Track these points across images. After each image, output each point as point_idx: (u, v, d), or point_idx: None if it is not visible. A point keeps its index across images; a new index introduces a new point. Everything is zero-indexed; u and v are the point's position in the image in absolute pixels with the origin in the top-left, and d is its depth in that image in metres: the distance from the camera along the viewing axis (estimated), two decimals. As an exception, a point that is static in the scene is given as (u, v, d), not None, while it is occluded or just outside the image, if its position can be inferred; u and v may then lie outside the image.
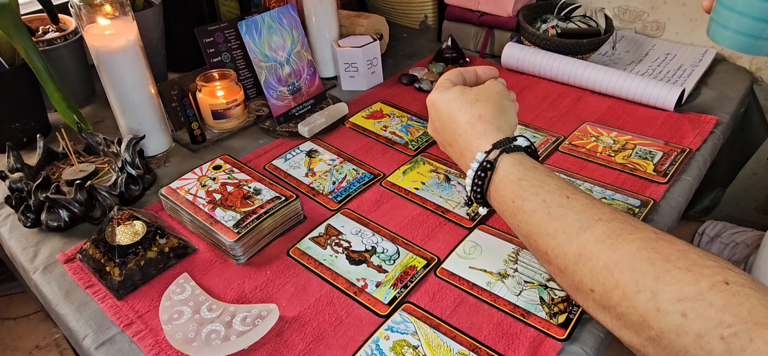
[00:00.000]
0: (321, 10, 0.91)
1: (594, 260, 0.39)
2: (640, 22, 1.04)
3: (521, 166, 0.47)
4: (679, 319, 0.34)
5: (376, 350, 0.49)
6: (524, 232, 0.46)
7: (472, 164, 0.50)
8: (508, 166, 0.47)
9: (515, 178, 0.47)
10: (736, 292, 0.33)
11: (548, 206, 0.44)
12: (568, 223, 0.42)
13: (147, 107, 0.73)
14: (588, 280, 0.40)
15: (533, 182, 0.46)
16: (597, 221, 0.41)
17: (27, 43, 0.68)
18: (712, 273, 0.35)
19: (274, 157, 0.76)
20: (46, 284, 0.58)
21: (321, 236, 0.62)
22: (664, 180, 0.67)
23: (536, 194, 0.45)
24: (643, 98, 0.82)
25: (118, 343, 0.51)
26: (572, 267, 0.41)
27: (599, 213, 0.42)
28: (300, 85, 0.86)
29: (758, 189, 1.04)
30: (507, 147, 0.48)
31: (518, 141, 0.49)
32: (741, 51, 0.53)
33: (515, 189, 0.46)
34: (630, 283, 0.37)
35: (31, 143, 0.80)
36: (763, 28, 0.50)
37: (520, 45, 0.94)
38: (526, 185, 0.46)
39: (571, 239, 0.41)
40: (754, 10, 0.50)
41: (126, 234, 0.57)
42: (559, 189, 0.44)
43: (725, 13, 0.52)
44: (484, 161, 0.49)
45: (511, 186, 0.47)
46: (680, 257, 0.36)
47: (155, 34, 0.91)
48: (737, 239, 0.77)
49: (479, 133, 0.51)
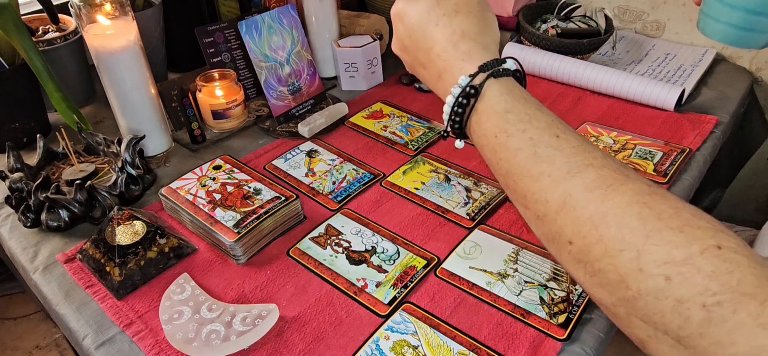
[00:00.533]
0: (321, 10, 0.91)
1: (579, 210, 0.36)
2: (640, 22, 1.05)
3: (510, 95, 0.41)
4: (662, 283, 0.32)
5: (376, 350, 0.49)
6: (504, 170, 0.41)
7: (452, 90, 0.43)
8: (495, 94, 0.41)
9: (501, 109, 0.40)
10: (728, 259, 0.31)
11: (535, 145, 0.39)
12: (556, 166, 0.37)
13: (147, 107, 0.73)
14: (568, 231, 0.37)
15: (521, 115, 0.40)
16: (587, 167, 0.37)
17: (27, 43, 0.68)
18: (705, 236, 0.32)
19: (274, 157, 0.76)
20: (46, 284, 0.58)
21: (321, 236, 0.62)
22: (664, 180, 0.67)
23: (523, 131, 0.39)
24: (643, 98, 0.82)
25: (118, 343, 0.51)
26: (552, 216, 0.37)
27: (590, 157, 0.37)
28: (300, 85, 0.86)
29: (758, 189, 1.04)
30: (495, 71, 0.42)
31: (507, 64, 0.42)
32: (732, 44, 0.52)
33: (500, 122, 0.40)
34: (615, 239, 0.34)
35: (31, 143, 0.80)
36: (755, 21, 0.50)
37: (520, 45, 0.95)
38: (513, 118, 0.40)
39: (556, 184, 0.37)
40: (745, 2, 0.49)
41: (126, 234, 0.57)
42: (548, 127, 0.39)
43: (716, 6, 0.51)
44: (467, 86, 0.42)
45: (496, 119, 0.41)
46: (673, 215, 0.33)
47: (155, 34, 0.91)
48: None
49: (463, 52, 0.43)
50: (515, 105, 0.41)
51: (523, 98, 0.41)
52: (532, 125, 0.40)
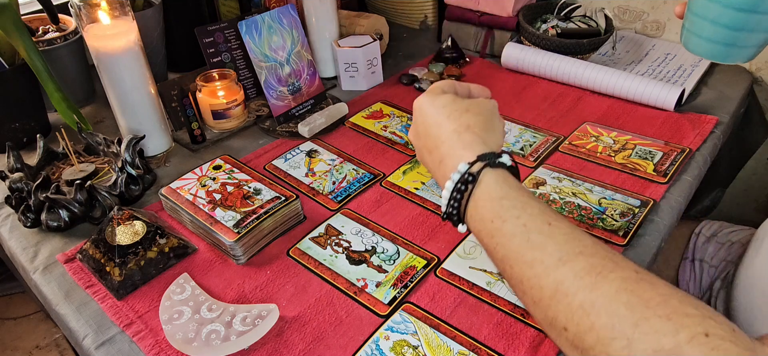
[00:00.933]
0: (321, 10, 0.91)
1: (570, 297, 0.37)
2: (640, 22, 1.05)
3: (505, 184, 0.44)
4: None
5: (376, 350, 0.49)
6: (500, 256, 0.43)
7: (452, 175, 0.46)
8: (491, 182, 0.44)
9: (497, 196, 0.43)
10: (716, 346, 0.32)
11: (528, 232, 0.41)
12: (548, 253, 0.39)
13: (147, 107, 0.73)
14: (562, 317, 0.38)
15: (515, 202, 0.43)
16: (578, 255, 0.38)
17: (27, 43, 0.68)
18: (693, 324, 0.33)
19: (274, 157, 0.76)
20: (46, 284, 0.58)
21: (321, 236, 0.62)
22: (664, 180, 0.67)
23: (517, 217, 0.42)
24: (643, 98, 0.82)
25: (118, 343, 0.51)
26: (547, 301, 0.39)
27: (581, 245, 0.39)
28: (300, 85, 0.86)
29: (758, 189, 1.04)
30: (492, 161, 0.45)
31: (503, 158, 0.46)
32: (715, 60, 0.51)
33: (496, 208, 0.43)
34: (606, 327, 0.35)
35: (31, 143, 0.80)
36: (737, 36, 0.48)
37: (520, 45, 0.95)
38: (508, 205, 0.43)
39: (548, 271, 0.39)
40: (727, 19, 0.48)
41: (126, 234, 0.57)
42: (541, 214, 0.42)
43: (698, 22, 0.50)
44: (466, 172, 0.45)
45: (492, 205, 0.43)
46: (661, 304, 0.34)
47: (155, 34, 0.91)
48: (733, 238, 0.77)
49: (465, 143, 0.47)
50: (509, 192, 0.43)
51: (517, 187, 0.44)
52: (525, 212, 0.42)
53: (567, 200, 0.65)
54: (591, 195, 0.66)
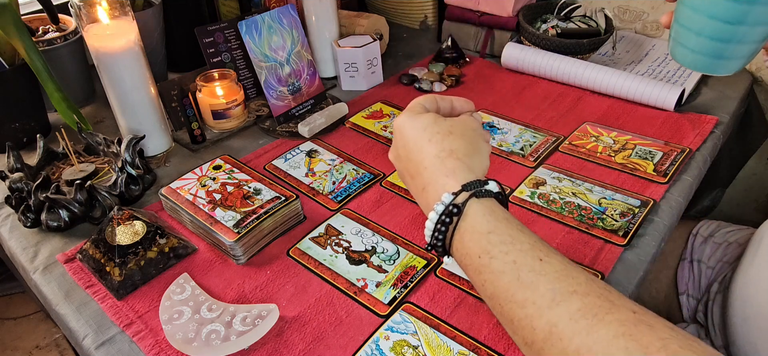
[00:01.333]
0: (321, 10, 0.91)
1: (565, 341, 0.35)
2: (640, 22, 1.05)
3: (492, 216, 0.41)
4: None
5: (376, 350, 0.49)
6: (489, 293, 0.41)
7: (436, 207, 0.43)
8: (477, 214, 0.41)
9: (484, 230, 0.41)
10: None
11: (519, 269, 0.39)
12: (540, 293, 0.37)
13: (147, 107, 0.73)
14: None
15: (504, 236, 0.40)
16: (572, 294, 0.36)
17: (27, 43, 0.68)
18: None
19: (274, 157, 0.76)
20: (46, 284, 0.58)
21: (321, 236, 0.62)
22: (664, 180, 0.67)
23: (506, 253, 0.39)
24: (643, 98, 0.82)
25: (118, 343, 0.51)
26: (540, 344, 0.37)
27: (574, 284, 0.37)
28: (300, 85, 0.86)
29: (758, 189, 1.04)
30: (478, 191, 0.42)
31: (489, 185, 0.43)
32: (701, 71, 0.49)
33: (483, 243, 0.40)
34: None
35: (31, 143, 0.80)
36: (723, 48, 0.46)
37: (520, 45, 0.95)
38: (496, 240, 0.40)
39: (541, 312, 0.37)
40: (713, 30, 0.46)
41: (126, 234, 0.57)
42: (531, 249, 0.39)
43: (684, 33, 0.48)
44: (450, 204, 0.42)
45: (479, 239, 0.41)
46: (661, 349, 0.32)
47: (155, 34, 0.91)
48: (730, 238, 0.77)
49: (448, 169, 0.44)
50: (497, 226, 0.41)
51: (505, 219, 0.42)
52: (514, 247, 0.40)
53: (567, 200, 0.65)
54: (591, 195, 0.66)
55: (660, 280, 0.80)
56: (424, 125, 0.47)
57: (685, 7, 0.47)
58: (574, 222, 0.62)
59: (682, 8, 0.48)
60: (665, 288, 0.79)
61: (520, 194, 0.67)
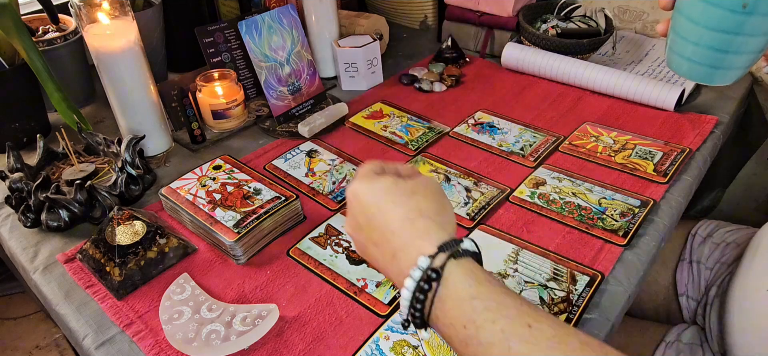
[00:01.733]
0: (321, 10, 0.91)
1: None
2: (640, 22, 1.04)
3: (473, 279, 0.38)
4: None
5: (376, 350, 0.49)
6: None
7: (412, 273, 0.39)
8: (458, 278, 0.38)
9: (467, 296, 0.37)
10: None
11: (508, 339, 0.35)
12: None
13: (147, 107, 0.73)
14: None
15: (488, 303, 0.37)
16: None
17: (27, 43, 0.68)
18: None
19: (274, 157, 0.76)
20: (46, 284, 0.58)
21: (321, 236, 0.62)
22: (664, 180, 0.67)
23: (493, 322, 0.36)
24: (643, 98, 0.82)
25: (118, 343, 0.51)
26: None
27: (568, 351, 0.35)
28: (300, 85, 0.86)
29: (758, 189, 1.04)
30: (455, 251, 0.39)
31: (465, 244, 0.40)
32: (698, 80, 0.48)
33: (467, 311, 0.37)
34: None
35: (31, 143, 0.80)
36: (720, 58, 0.46)
37: (520, 45, 0.95)
38: (481, 307, 0.37)
39: None
40: (710, 40, 0.45)
41: (126, 234, 0.57)
42: (519, 315, 0.37)
43: (680, 42, 0.47)
44: (428, 268, 0.38)
45: (462, 306, 0.37)
46: None
47: (155, 34, 0.91)
48: (728, 238, 0.76)
49: (420, 230, 0.41)
50: (480, 290, 0.38)
51: (487, 280, 0.39)
52: (501, 314, 0.37)
53: (567, 200, 0.65)
54: (591, 195, 0.66)
55: (659, 281, 0.80)
56: (384, 188, 0.43)
57: (681, 16, 0.46)
58: (574, 222, 0.62)
59: (679, 17, 0.47)
60: (664, 289, 0.79)
61: (520, 194, 0.67)
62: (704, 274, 0.75)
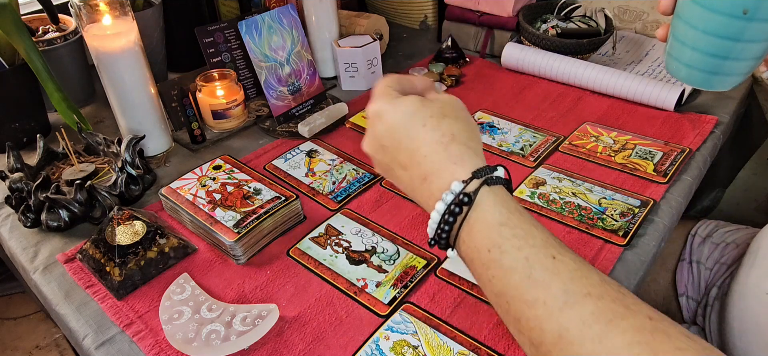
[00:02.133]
0: (321, 10, 0.91)
1: (576, 346, 0.33)
2: (640, 22, 1.04)
3: (504, 207, 0.38)
4: None
5: (376, 350, 0.49)
6: (496, 290, 0.38)
7: (444, 196, 0.39)
8: (489, 204, 0.38)
9: (495, 222, 0.38)
10: None
11: (531, 267, 0.36)
12: (551, 294, 0.35)
13: (147, 107, 0.73)
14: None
15: (516, 230, 0.37)
16: (585, 297, 0.34)
17: (27, 43, 0.68)
18: None
19: (274, 157, 0.76)
20: (46, 284, 0.58)
21: (321, 236, 0.62)
22: (664, 180, 0.67)
23: (519, 249, 0.37)
24: (643, 98, 0.82)
25: (118, 343, 0.51)
26: (548, 346, 0.35)
27: (588, 285, 0.35)
28: (300, 85, 0.86)
29: (758, 189, 1.04)
30: (489, 178, 0.39)
31: (498, 172, 0.40)
32: (697, 86, 0.48)
33: (493, 236, 0.37)
34: None
35: (31, 143, 0.80)
36: (720, 65, 0.45)
37: (520, 45, 0.95)
38: (508, 233, 0.37)
39: (552, 315, 0.34)
40: (710, 46, 0.44)
41: (126, 234, 0.57)
42: (544, 245, 0.37)
43: (679, 47, 0.47)
44: (461, 193, 0.38)
45: (489, 232, 0.38)
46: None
47: (155, 34, 0.91)
48: (728, 239, 0.76)
49: (454, 156, 0.40)
50: (510, 218, 0.38)
51: (518, 211, 0.39)
52: (527, 243, 0.37)
53: (567, 200, 0.65)
54: (591, 195, 0.66)
55: (659, 281, 0.80)
56: (412, 110, 0.43)
57: (681, 21, 0.46)
58: (574, 222, 0.62)
59: (678, 22, 0.47)
60: (664, 289, 0.79)
61: (520, 194, 0.67)
62: (704, 274, 0.75)
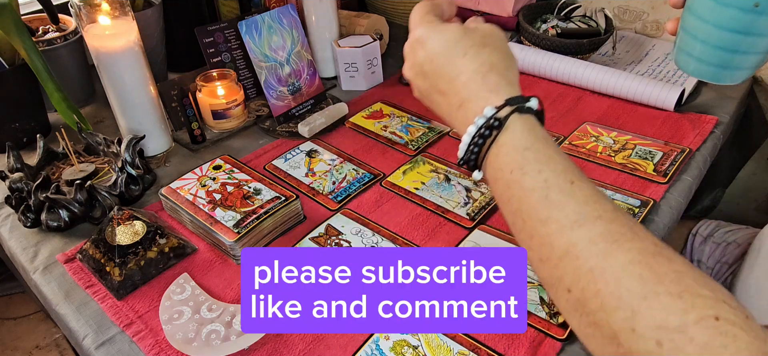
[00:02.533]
0: (321, 10, 0.91)
1: (581, 261, 0.36)
2: (640, 22, 1.04)
3: (531, 133, 0.41)
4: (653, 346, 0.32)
5: (376, 350, 0.49)
6: (514, 208, 0.40)
7: (476, 120, 0.42)
8: (517, 130, 0.40)
9: (521, 146, 0.40)
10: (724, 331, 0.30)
11: (548, 189, 0.38)
12: (565, 213, 0.37)
13: (147, 107, 0.73)
14: (569, 279, 0.36)
15: (539, 155, 0.40)
16: (596, 219, 0.36)
17: (27, 43, 0.68)
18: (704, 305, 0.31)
19: (274, 157, 0.76)
20: (46, 284, 0.58)
21: (321, 236, 0.62)
22: (664, 180, 0.67)
23: (539, 171, 0.39)
24: (643, 98, 0.82)
25: (118, 343, 0.51)
26: (555, 261, 0.37)
27: (600, 209, 0.37)
28: (300, 85, 0.86)
29: (758, 189, 1.04)
30: (520, 106, 0.41)
31: (531, 102, 0.42)
32: (706, 79, 0.48)
33: (518, 159, 0.40)
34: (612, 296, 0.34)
35: (31, 143, 0.80)
36: (730, 58, 0.46)
37: (520, 45, 0.95)
38: (531, 157, 0.40)
39: (562, 231, 0.37)
40: (720, 40, 0.45)
41: (126, 234, 0.57)
42: (564, 171, 0.39)
43: (688, 40, 0.48)
44: (492, 117, 0.41)
45: (514, 154, 0.40)
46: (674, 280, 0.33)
47: (155, 34, 0.91)
48: (729, 238, 0.76)
49: (491, 85, 0.42)
50: (535, 143, 0.40)
51: (544, 138, 0.41)
52: (548, 167, 0.39)
53: (567, 200, 0.65)
54: (591, 195, 0.66)
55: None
56: (454, 38, 0.45)
57: (691, 14, 0.47)
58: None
59: (689, 16, 0.47)
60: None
61: (520, 194, 0.67)
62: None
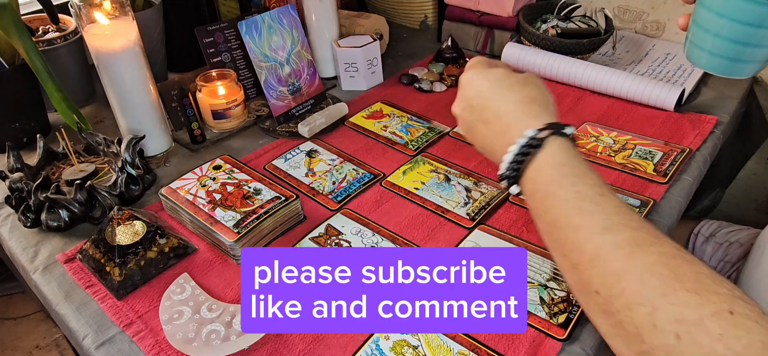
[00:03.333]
0: (321, 10, 0.91)
1: (607, 263, 0.39)
2: (640, 22, 1.04)
3: (567, 152, 0.46)
4: (673, 340, 0.34)
5: (376, 350, 0.49)
6: (549, 218, 0.45)
7: (518, 140, 0.47)
8: (555, 148, 0.46)
9: (558, 162, 0.45)
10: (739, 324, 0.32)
11: (581, 199, 0.43)
12: (595, 221, 0.41)
13: (147, 107, 0.73)
14: (596, 281, 0.39)
15: (574, 170, 0.44)
16: (623, 226, 0.40)
17: (27, 43, 0.68)
18: (720, 301, 0.34)
19: (274, 157, 0.76)
20: (46, 284, 0.58)
21: (321, 236, 0.62)
22: (664, 180, 0.67)
23: (573, 184, 0.44)
24: (643, 98, 0.82)
25: (118, 343, 0.51)
26: (585, 265, 0.41)
27: (627, 219, 0.41)
28: (300, 85, 0.86)
29: (758, 189, 1.04)
30: (558, 130, 0.47)
31: (567, 129, 0.47)
32: (717, 73, 0.49)
33: (555, 174, 0.45)
34: (635, 293, 0.37)
35: (31, 143, 0.80)
36: (741, 51, 0.46)
37: (520, 45, 0.95)
38: (567, 172, 0.45)
39: (592, 236, 0.41)
40: (733, 33, 0.46)
41: (126, 234, 0.57)
42: (596, 185, 0.43)
43: (701, 34, 0.48)
44: (533, 137, 0.46)
45: (551, 170, 0.45)
46: (692, 279, 0.35)
47: (155, 34, 0.91)
48: (731, 238, 0.76)
49: (532, 113, 0.49)
50: (570, 160, 0.45)
51: (577, 157, 0.46)
52: (581, 181, 0.44)
53: (567, 200, 0.65)
54: (591, 195, 0.66)
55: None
56: (500, 77, 0.52)
57: (703, 8, 0.47)
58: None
59: (701, 9, 0.48)
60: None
61: (520, 194, 0.67)
62: None
